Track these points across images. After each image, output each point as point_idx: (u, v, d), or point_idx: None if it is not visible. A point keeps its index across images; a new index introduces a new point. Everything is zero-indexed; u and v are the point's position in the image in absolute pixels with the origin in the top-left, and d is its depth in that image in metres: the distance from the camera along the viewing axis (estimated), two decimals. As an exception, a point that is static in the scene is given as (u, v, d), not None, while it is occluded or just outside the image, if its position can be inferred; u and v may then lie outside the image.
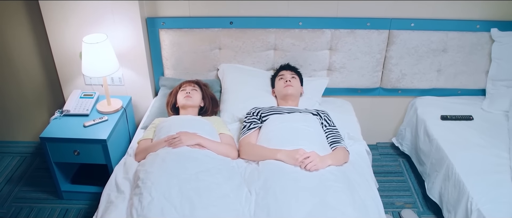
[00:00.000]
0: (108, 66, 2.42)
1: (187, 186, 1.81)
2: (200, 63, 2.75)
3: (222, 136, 2.29)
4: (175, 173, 1.87)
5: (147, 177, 1.85)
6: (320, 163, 1.94)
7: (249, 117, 2.37)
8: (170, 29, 2.67)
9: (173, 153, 2.02)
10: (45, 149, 2.41)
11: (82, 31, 2.53)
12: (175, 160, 1.95)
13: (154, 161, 1.96)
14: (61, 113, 2.54)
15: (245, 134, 2.27)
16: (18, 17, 2.71)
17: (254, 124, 2.30)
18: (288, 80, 2.49)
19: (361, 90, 2.90)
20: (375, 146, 3.17)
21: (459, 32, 2.67)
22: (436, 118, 2.66)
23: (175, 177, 1.84)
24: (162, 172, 1.87)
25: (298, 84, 2.54)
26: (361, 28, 2.65)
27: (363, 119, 2.91)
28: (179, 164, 1.93)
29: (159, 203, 1.73)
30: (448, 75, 2.80)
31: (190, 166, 1.93)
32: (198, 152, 2.06)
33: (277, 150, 2.03)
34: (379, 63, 2.76)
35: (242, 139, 2.26)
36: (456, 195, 2.19)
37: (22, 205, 2.61)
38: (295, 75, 2.57)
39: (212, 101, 2.56)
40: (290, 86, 2.47)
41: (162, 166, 1.90)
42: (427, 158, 2.58)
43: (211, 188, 1.83)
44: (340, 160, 2.09)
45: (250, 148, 2.17)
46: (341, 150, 2.16)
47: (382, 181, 2.78)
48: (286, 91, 2.47)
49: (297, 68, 2.65)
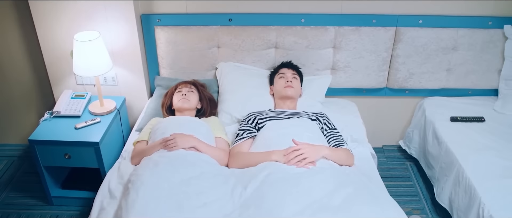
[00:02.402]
0: (100, 65, 2.41)
1: (178, 189, 1.81)
2: (197, 62, 2.75)
3: (217, 140, 2.28)
4: (166, 177, 1.86)
5: (137, 179, 1.85)
6: (312, 153, 1.89)
7: (243, 125, 2.33)
8: (166, 26, 2.66)
9: (167, 156, 2.01)
10: (34, 152, 2.41)
11: (74, 28, 2.53)
12: (168, 164, 1.94)
13: (146, 165, 1.95)
14: (51, 114, 2.53)
15: (236, 143, 2.23)
16: (4, 13, 2.70)
17: (247, 133, 2.25)
18: (289, 80, 2.47)
19: (367, 90, 2.89)
20: (381, 149, 3.16)
21: (470, 29, 2.66)
22: (446, 120, 2.66)
23: (166, 181, 1.84)
24: (153, 175, 1.86)
25: (298, 85, 2.53)
26: (367, 25, 2.65)
27: (368, 120, 2.91)
28: (172, 167, 1.92)
29: (144, 201, 1.71)
30: (458, 75, 2.79)
31: (184, 170, 1.92)
32: (193, 156, 2.05)
33: (271, 152, 2.02)
34: (386, 62, 2.75)
35: (233, 148, 2.22)
36: (467, 201, 2.18)
37: (10, 211, 2.60)
38: (297, 75, 2.56)
39: (210, 102, 2.55)
40: (291, 87, 2.45)
41: (154, 170, 1.90)
42: (436, 162, 2.57)
43: (203, 192, 1.83)
44: (340, 156, 2.06)
45: (240, 157, 2.13)
46: (343, 149, 2.14)
47: (389, 186, 2.75)
48: (285, 92, 2.45)
49: (299, 67, 2.64)
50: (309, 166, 1.92)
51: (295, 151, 1.92)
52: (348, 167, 2.06)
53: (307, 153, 1.90)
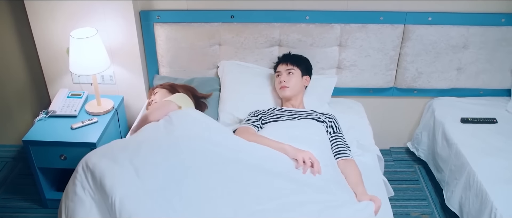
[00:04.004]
0: (98, 63, 2.41)
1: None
2: (198, 60, 2.74)
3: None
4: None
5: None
6: (377, 201, 1.86)
7: (252, 116, 2.38)
8: (166, 23, 2.66)
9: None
10: (29, 154, 2.41)
11: (70, 25, 2.52)
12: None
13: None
14: (46, 114, 2.53)
15: (246, 124, 2.27)
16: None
17: (257, 123, 2.30)
18: (282, 80, 2.45)
19: (373, 90, 2.89)
20: (388, 151, 3.16)
21: (482, 27, 2.65)
22: (456, 121, 2.65)
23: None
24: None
25: (295, 79, 2.46)
26: (374, 23, 2.64)
27: (375, 121, 2.90)
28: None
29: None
30: (469, 74, 2.79)
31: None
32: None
33: (283, 143, 2.01)
34: (393, 60, 2.74)
35: (243, 127, 2.25)
36: (478, 205, 2.17)
37: (3, 214, 2.60)
38: (294, 67, 2.48)
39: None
40: (285, 87, 2.43)
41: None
42: (446, 165, 2.56)
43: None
44: (361, 176, 2.07)
45: (252, 138, 2.09)
46: (353, 166, 2.11)
47: (396, 189, 2.76)
48: (281, 94, 2.46)
49: (298, 56, 2.56)
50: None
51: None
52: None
53: (375, 200, 1.87)
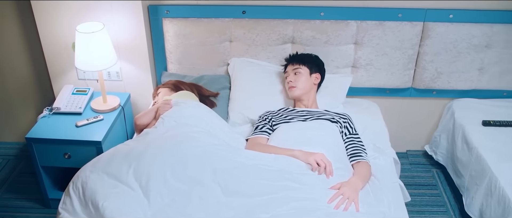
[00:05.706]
0: (104, 58, 2.42)
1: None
2: (208, 57, 2.75)
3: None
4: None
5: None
6: (353, 194, 1.87)
7: (261, 120, 2.39)
8: (175, 18, 2.66)
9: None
10: (32, 151, 2.42)
11: (76, 19, 2.53)
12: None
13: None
14: (50, 111, 2.54)
15: (255, 134, 2.30)
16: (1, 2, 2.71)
17: (266, 128, 2.33)
18: (289, 81, 2.47)
19: (390, 91, 2.87)
20: (405, 154, 3.14)
21: (506, 25, 2.63)
22: (477, 124, 2.64)
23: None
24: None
25: (303, 78, 2.46)
26: (392, 20, 2.63)
27: (391, 123, 2.90)
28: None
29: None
30: (492, 75, 2.77)
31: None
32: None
33: (293, 149, 2.04)
34: (412, 60, 2.73)
35: (251, 139, 2.29)
36: (500, 212, 2.15)
37: (4, 214, 2.61)
38: (300, 66, 2.47)
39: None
40: (293, 87, 2.44)
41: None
42: (466, 170, 2.54)
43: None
44: (365, 177, 2.07)
45: (260, 148, 2.15)
46: (364, 166, 2.12)
47: (413, 195, 2.75)
48: (291, 94, 2.48)
49: (304, 54, 2.55)
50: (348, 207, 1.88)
51: (336, 195, 1.90)
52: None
53: (347, 194, 1.88)
